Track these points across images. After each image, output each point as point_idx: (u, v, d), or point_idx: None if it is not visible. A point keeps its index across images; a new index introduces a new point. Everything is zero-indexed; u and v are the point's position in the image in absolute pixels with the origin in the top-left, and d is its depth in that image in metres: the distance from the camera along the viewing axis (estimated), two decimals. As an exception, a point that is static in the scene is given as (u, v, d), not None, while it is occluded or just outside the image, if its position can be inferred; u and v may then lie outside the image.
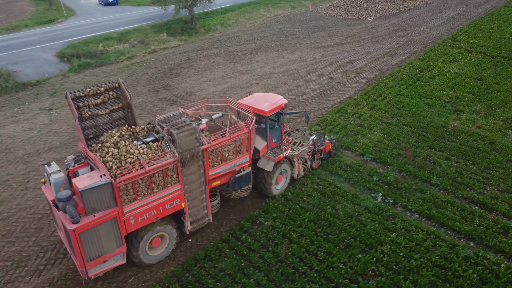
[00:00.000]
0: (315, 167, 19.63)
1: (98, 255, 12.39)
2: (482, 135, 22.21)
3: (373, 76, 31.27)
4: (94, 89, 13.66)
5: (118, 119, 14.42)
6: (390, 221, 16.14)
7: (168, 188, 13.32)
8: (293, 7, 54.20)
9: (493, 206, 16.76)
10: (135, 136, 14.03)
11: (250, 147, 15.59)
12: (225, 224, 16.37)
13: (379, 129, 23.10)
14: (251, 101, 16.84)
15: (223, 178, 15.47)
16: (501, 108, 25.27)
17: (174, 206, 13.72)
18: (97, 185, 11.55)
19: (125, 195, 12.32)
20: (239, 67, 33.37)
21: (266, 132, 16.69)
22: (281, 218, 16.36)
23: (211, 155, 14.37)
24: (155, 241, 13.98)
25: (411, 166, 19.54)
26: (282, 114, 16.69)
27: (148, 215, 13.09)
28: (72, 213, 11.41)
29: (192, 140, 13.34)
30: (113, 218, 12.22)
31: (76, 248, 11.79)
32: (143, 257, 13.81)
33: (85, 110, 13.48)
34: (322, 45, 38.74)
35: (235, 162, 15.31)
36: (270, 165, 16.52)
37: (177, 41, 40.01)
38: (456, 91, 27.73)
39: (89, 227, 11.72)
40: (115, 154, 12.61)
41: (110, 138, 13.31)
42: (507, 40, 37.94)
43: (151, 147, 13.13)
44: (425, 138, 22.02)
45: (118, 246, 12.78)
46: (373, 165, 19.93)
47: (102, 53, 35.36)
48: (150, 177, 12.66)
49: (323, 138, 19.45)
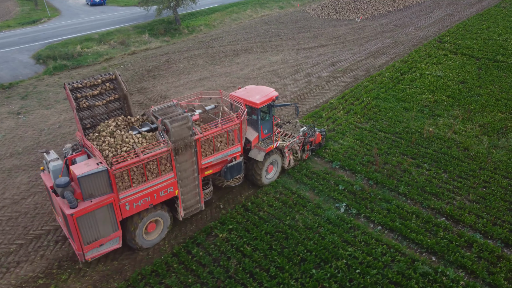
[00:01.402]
0: (305, 158, 20.25)
1: (95, 239, 13.03)
2: (457, 141, 21.51)
3: (354, 79, 30.56)
4: (92, 81, 14.21)
5: (114, 110, 14.97)
6: (350, 233, 15.45)
7: (162, 176, 13.91)
8: (281, 7, 53.46)
9: (460, 217, 16.08)
10: (131, 126, 14.50)
11: (241, 137, 16.10)
12: (179, 236, 15.71)
13: (352, 135, 22.40)
14: (243, 93, 17.33)
15: (215, 167, 16.05)
16: (480, 112, 24.55)
17: (167, 193, 14.34)
18: (94, 172, 12.16)
19: (121, 182, 12.91)
20: (218, 69, 32.68)
21: (257, 123, 17.15)
22: (237, 229, 15.68)
23: (203, 145, 14.87)
24: (150, 226, 14.58)
25: (380, 174, 18.85)
26: (273, 106, 17.21)
27: (143, 201, 13.71)
28: (70, 198, 12.01)
29: (185, 130, 13.89)
30: (109, 203, 12.83)
31: (74, 232, 12.42)
32: (139, 241, 14.39)
33: (82, 101, 14.05)
34: (306, 47, 38.02)
35: (227, 152, 15.85)
36: (261, 155, 17.05)
37: (159, 42, 39.32)
38: (436, 94, 27.01)
39: (86, 212, 12.35)
40: (111, 143, 13.18)
41: (107, 128, 13.80)
42: (494, 41, 37.19)
43: (146, 137, 13.66)
44: (398, 144, 21.31)
45: (114, 230, 13.40)
46: (341, 173, 19.24)
47: (80, 55, 34.69)
48: (145, 165, 13.24)
49: (313, 130, 20.06)
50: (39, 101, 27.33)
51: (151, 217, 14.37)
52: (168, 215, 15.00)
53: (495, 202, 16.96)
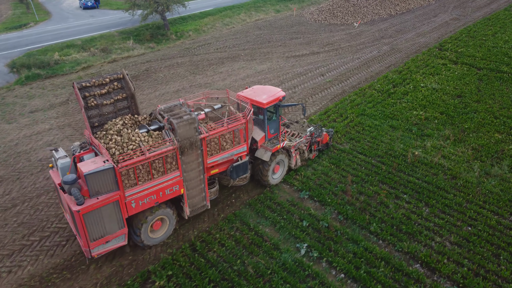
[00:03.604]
0: (312, 158, 20.03)
1: (101, 236, 13.11)
2: (445, 167, 19.23)
3: (341, 91, 28.36)
4: (100, 80, 14.32)
5: (122, 109, 15.06)
6: (306, 283, 13.39)
7: (168, 174, 13.98)
8: (278, 11, 51.33)
9: (437, 265, 13.89)
10: (140, 124, 14.71)
11: (247, 137, 16.09)
12: (114, 282, 13.83)
13: (329, 158, 20.28)
14: (250, 93, 17.32)
15: (221, 167, 16.12)
16: (475, 132, 22.18)
17: (173, 192, 14.42)
18: (100, 169, 12.29)
19: (127, 180, 13.00)
20: (199, 79, 30.81)
21: (264, 123, 17.07)
22: (178, 276, 13.74)
23: (209, 144, 14.89)
24: (156, 224, 14.56)
25: (351, 207, 16.73)
26: (279, 106, 17.19)
27: (149, 199, 13.78)
28: (77, 195, 12.09)
29: (191, 129, 13.94)
30: (115, 201, 12.93)
31: (81, 229, 12.52)
32: (145, 239, 14.40)
33: (91, 100, 14.16)
34: (296, 54, 35.89)
35: (233, 151, 15.84)
36: (267, 155, 16.97)
37: (143, 49, 37.61)
38: (428, 110, 24.67)
39: (93, 208, 12.45)
40: (118, 141, 13.29)
41: (114, 126, 13.95)
42: (499, 49, 34.53)
43: (152, 135, 13.78)
44: (378, 170, 19.13)
45: (120, 227, 13.48)
46: (309, 205, 17.17)
47: (57, 63, 33.18)
48: (151, 163, 13.34)
49: (321, 130, 19.83)
50: (3, 115, 25.80)
51: (157, 215, 14.35)
52: (173, 214, 14.96)
53: (480, 245, 14.72)
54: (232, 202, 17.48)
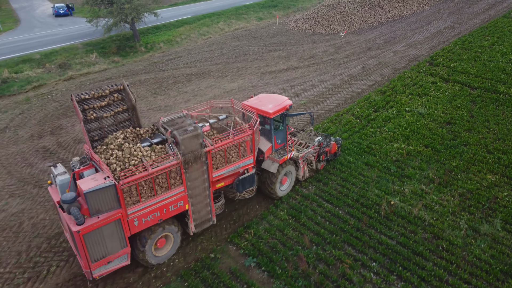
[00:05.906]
0: (320, 168, 19.18)
1: (103, 256, 12.47)
2: (426, 221, 15.98)
3: (316, 116, 25.10)
4: (99, 92, 13.82)
5: (122, 121, 14.52)
6: None
7: (172, 190, 13.37)
8: (260, 19, 47.99)
9: None
10: (143, 137, 14.18)
11: (254, 148, 15.50)
12: None
13: (288, 207, 17.05)
14: (255, 102, 16.65)
15: (227, 180, 15.51)
16: (464, 172, 18.91)
17: (178, 208, 13.81)
18: (101, 187, 11.66)
19: (129, 197, 12.39)
20: (159, 101, 27.61)
21: (270, 133, 16.46)
22: None
23: (214, 157, 14.22)
24: (160, 242, 13.96)
25: (305, 282, 13.47)
26: (286, 115, 16.57)
27: (152, 216, 13.16)
28: (77, 215, 11.50)
29: (195, 142, 13.32)
30: (117, 219, 12.31)
31: (81, 249, 11.91)
32: (149, 258, 13.73)
33: (90, 112, 13.67)
34: (272, 70, 32.62)
35: (239, 164, 15.23)
36: (274, 167, 16.33)
37: (106, 64, 34.37)
38: (412, 142, 21.40)
39: (93, 228, 11.83)
40: (119, 156, 12.75)
41: (115, 141, 13.42)
42: (496, 64, 31.21)
43: (155, 150, 13.19)
44: (344, 226, 15.88)
45: (122, 247, 12.85)
46: (255, 276, 13.93)
47: (5, 81, 29.98)
48: (154, 179, 12.69)
49: (329, 140, 19.11)
50: None
51: (161, 232, 13.68)
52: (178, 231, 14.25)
53: None
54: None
